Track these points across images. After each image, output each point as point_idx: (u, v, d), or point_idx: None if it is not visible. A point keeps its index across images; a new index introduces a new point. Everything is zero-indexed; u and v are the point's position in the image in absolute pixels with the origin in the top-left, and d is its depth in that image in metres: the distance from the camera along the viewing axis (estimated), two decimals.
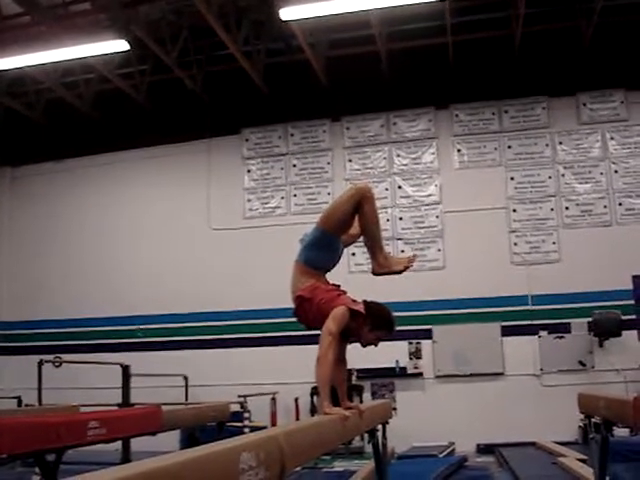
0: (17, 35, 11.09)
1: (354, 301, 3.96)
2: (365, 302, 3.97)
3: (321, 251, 4.11)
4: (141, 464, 1.55)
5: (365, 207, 4.00)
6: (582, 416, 5.36)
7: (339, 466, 9.41)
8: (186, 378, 11.81)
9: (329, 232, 4.09)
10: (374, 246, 4.16)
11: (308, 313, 3.98)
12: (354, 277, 10.44)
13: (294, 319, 4.16)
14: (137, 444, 6.12)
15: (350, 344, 4.14)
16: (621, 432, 7.93)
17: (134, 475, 1.45)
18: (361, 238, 4.32)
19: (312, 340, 3.82)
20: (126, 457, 6.17)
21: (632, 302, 11.24)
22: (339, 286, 4.14)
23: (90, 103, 13.64)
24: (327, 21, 11.24)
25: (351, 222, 4.15)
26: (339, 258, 4.25)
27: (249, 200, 13.17)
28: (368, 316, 3.91)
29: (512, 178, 12.20)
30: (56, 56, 10.85)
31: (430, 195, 12.48)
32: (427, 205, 12.45)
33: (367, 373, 11.65)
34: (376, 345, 4.04)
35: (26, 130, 14.29)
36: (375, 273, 4.20)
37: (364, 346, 4.06)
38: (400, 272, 4.19)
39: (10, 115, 13.95)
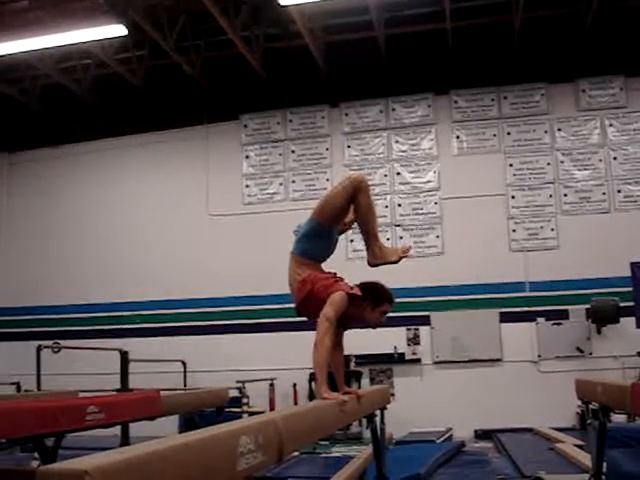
0: (14, 20, 11.03)
1: (351, 287, 3.96)
2: (359, 285, 3.98)
3: (316, 242, 4.08)
4: (140, 447, 1.55)
5: (360, 197, 3.96)
6: (580, 402, 5.38)
7: (337, 451, 9.45)
8: (184, 364, 11.84)
9: (323, 223, 4.06)
10: (369, 236, 4.14)
11: (308, 303, 3.97)
12: (352, 264, 10.42)
13: (295, 311, 4.15)
14: (136, 429, 6.13)
15: (351, 329, 4.15)
16: (618, 418, 7.97)
17: (134, 458, 1.45)
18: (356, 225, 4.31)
19: (310, 326, 3.82)
20: (125, 442, 6.18)
21: (630, 289, 11.23)
22: (335, 274, 4.13)
23: (87, 89, 13.60)
24: (326, 6, 11.18)
25: (346, 213, 4.12)
26: (334, 248, 4.24)
27: (247, 186, 13.15)
28: (366, 297, 3.93)
29: (511, 164, 12.19)
30: (53, 41, 10.78)
31: (429, 181, 12.47)
32: (426, 191, 12.44)
33: (365, 359, 11.70)
34: (384, 321, 4.05)
35: (24, 116, 14.25)
36: (370, 264, 4.18)
37: (374, 327, 4.08)
38: (395, 262, 4.18)
39: (8, 101, 13.90)
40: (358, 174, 4.19)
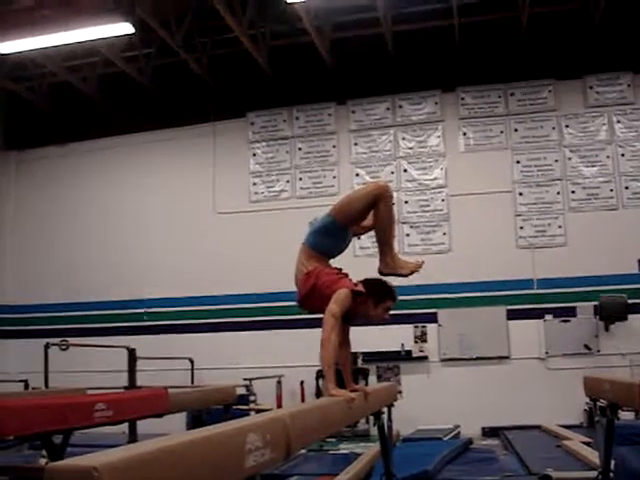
0: (21, 18, 11.04)
1: (355, 284, 3.97)
2: (362, 281, 3.99)
3: (329, 238, 4.13)
4: (148, 444, 1.56)
5: (381, 206, 4.01)
6: (587, 399, 5.37)
7: (345, 448, 9.44)
8: (192, 361, 11.84)
9: (340, 222, 4.10)
10: (383, 245, 4.18)
11: (311, 298, 4.00)
12: (360, 261, 10.40)
13: (298, 304, 4.17)
14: (144, 426, 6.13)
15: (359, 327, 4.15)
16: (626, 415, 7.95)
17: (141, 454, 1.45)
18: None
19: (317, 323, 3.82)
20: (133, 439, 6.19)
21: (638, 286, 11.22)
22: (341, 270, 4.15)
23: (95, 87, 13.62)
24: (332, 3, 11.17)
25: (364, 217, 4.17)
26: (346, 247, 4.27)
27: (254, 184, 13.15)
28: (369, 293, 3.93)
29: (518, 161, 12.16)
30: (61, 39, 10.78)
31: (436, 178, 12.45)
32: (433, 189, 12.42)
33: (373, 356, 11.70)
34: (387, 318, 4.05)
35: (31, 114, 14.28)
36: (381, 273, 4.21)
37: (377, 323, 4.08)
38: (406, 276, 4.21)
39: (15, 99, 13.94)
40: (384, 183, 4.23)
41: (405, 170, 12.55)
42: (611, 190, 11.78)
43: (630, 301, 11.08)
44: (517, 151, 12.19)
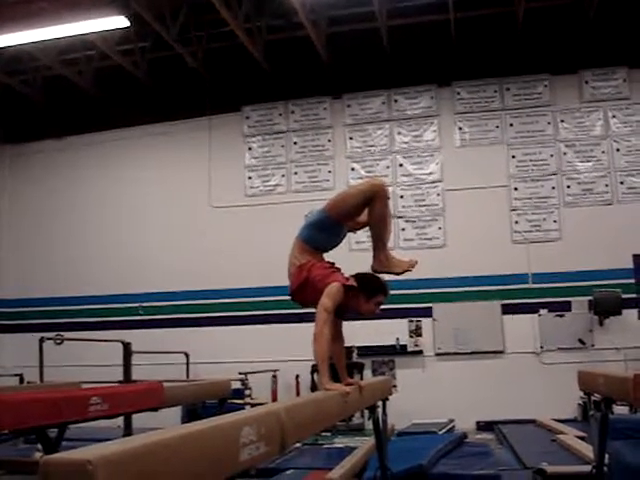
0: (16, 12, 11.00)
1: (347, 278, 3.98)
2: (354, 276, 4.00)
3: (322, 233, 4.13)
4: (143, 437, 1.56)
5: (376, 204, 4.00)
6: (581, 394, 5.38)
7: (339, 442, 9.46)
8: (187, 355, 11.83)
9: (333, 218, 4.09)
10: (377, 243, 4.17)
11: (303, 291, 4.01)
12: (355, 255, 10.38)
13: (290, 296, 4.19)
14: (139, 421, 6.14)
15: (352, 321, 4.15)
16: (620, 409, 7.98)
17: (136, 448, 1.45)
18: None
19: (313, 318, 3.83)
20: (128, 433, 6.19)
21: (633, 281, 11.25)
22: (333, 264, 4.16)
23: (90, 80, 13.57)
24: None
25: (358, 214, 4.16)
26: (340, 242, 4.27)
27: (250, 178, 13.15)
28: (361, 288, 3.94)
29: (513, 156, 12.17)
30: (56, 33, 10.77)
31: (431, 173, 12.45)
32: (428, 183, 12.43)
33: (368, 351, 11.71)
34: (378, 312, 4.06)
35: (26, 108, 14.24)
36: (374, 270, 4.21)
37: (369, 318, 4.09)
38: (398, 274, 4.21)
39: (10, 93, 13.88)
40: (380, 181, 4.22)
41: (400, 165, 12.56)
42: (606, 185, 11.81)
43: (624, 296, 11.11)
44: (512, 146, 12.20)
